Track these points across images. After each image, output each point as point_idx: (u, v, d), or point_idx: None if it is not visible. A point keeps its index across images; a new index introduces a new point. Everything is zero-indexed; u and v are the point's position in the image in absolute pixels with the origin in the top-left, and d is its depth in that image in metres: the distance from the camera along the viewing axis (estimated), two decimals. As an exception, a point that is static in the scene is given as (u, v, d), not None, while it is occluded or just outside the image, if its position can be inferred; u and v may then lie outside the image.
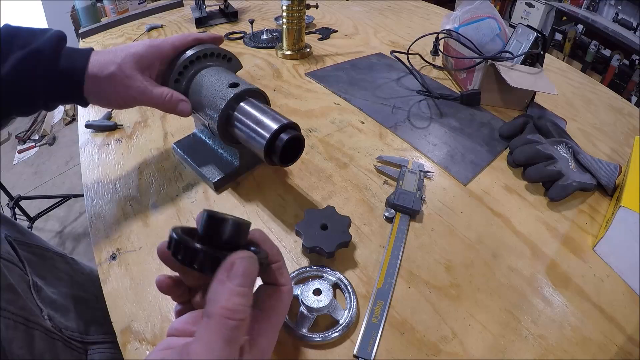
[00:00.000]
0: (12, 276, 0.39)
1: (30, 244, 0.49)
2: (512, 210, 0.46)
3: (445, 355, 0.32)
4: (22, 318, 0.37)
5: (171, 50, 0.43)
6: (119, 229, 0.42)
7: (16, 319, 0.36)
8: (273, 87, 0.71)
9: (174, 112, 0.42)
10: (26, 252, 0.47)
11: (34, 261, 0.47)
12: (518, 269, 0.39)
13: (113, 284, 0.37)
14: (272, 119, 0.38)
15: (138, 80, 0.39)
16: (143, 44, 0.41)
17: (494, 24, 0.71)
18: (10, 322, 0.35)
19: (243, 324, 0.20)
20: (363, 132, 0.59)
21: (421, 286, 0.37)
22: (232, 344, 0.19)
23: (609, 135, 0.64)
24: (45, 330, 0.39)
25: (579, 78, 0.86)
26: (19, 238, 0.48)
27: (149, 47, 0.41)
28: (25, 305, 0.38)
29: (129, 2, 1.07)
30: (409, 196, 0.45)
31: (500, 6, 2.71)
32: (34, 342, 0.37)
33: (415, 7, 1.23)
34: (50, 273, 0.49)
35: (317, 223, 0.39)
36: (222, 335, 0.19)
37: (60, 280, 0.50)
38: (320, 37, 0.94)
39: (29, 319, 0.38)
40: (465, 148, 0.56)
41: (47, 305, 0.43)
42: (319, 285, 0.34)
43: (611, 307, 0.37)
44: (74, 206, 1.79)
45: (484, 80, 0.65)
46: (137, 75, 0.40)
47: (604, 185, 0.49)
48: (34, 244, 0.50)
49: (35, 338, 0.38)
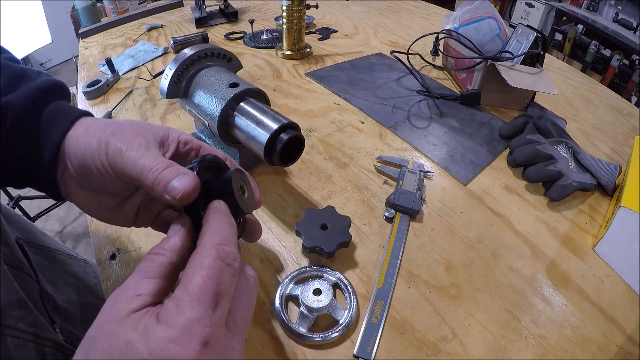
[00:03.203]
0: (23, 286, 0.37)
1: (41, 247, 0.48)
2: (512, 210, 0.46)
3: (445, 355, 0.32)
4: (32, 335, 0.35)
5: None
6: (119, 229, 0.42)
7: (26, 337, 0.34)
8: (273, 87, 0.71)
9: (163, 194, 0.23)
10: (37, 255, 0.45)
11: (44, 265, 0.45)
12: (518, 268, 0.39)
13: (113, 284, 0.37)
14: (272, 119, 0.38)
15: (136, 144, 0.25)
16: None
17: (494, 24, 0.71)
18: (20, 341, 0.33)
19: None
20: (363, 132, 0.59)
21: (421, 286, 0.37)
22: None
23: (609, 135, 0.64)
24: (56, 346, 0.38)
25: (579, 78, 0.86)
26: (30, 239, 0.46)
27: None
28: (37, 320, 0.36)
29: (129, 2, 1.07)
30: (409, 196, 0.45)
31: (500, 6, 2.71)
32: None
33: (415, 7, 1.23)
34: (61, 278, 0.48)
35: (317, 223, 0.39)
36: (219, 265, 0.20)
37: (70, 286, 0.48)
38: (320, 37, 0.94)
39: (39, 336, 0.36)
40: (465, 148, 0.56)
41: (58, 316, 0.41)
42: (319, 285, 0.34)
43: (611, 307, 0.37)
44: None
45: (484, 80, 0.65)
46: (138, 139, 0.26)
47: (604, 185, 0.49)
48: (45, 246, 0.49)
49: (47, 356, 0.36)
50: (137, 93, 0.69)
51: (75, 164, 0.26)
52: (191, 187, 0.22)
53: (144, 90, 0.69)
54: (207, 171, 0.26)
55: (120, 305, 0.19)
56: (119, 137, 0.25)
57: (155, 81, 0.72)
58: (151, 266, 0.21)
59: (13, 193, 1.60)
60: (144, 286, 0.20)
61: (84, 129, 0.26)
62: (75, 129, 0.26)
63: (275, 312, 0.33)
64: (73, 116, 0.26)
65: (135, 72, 0.76)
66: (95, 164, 0.25)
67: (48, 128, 0.26)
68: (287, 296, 0.34)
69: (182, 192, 0.22)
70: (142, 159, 0.24)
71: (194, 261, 0.20)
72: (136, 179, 0.24)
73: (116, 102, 0.65)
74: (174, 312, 0.18)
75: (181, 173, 0.23)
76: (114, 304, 0.19)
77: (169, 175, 0.23)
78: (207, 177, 0.25)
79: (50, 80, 0.28)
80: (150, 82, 0.72)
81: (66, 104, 0.28)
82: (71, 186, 0.27)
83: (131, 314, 0.19)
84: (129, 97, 0.67)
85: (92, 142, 0.25)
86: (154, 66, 0.78)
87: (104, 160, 0.24)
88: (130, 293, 0.20)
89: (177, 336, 0.17)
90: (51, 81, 0.28)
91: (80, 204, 0.29)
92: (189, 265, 0.20)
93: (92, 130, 0.26)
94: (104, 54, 0.85)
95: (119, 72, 0.74)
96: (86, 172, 0.25)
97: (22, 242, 0.44)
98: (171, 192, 0.22)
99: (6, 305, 0.34)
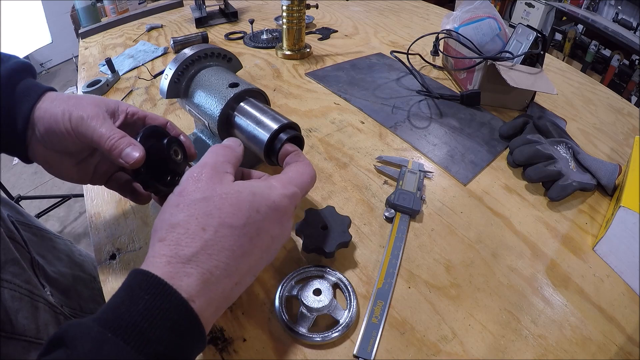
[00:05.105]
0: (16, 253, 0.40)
1: (30, 225, 0.50)
2: (512, 210, 0.46)
3: (445, 355, 0.32)
4: (27, 291, 0.38)
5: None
6: (119, 229, 0.42)
7: (22, 291, 0.37)
8: (273, 87, 0.71)
9: (118, 158, 0.30)
10: (27, 232, 0.48)
11: (34, 241, 0.48)
12: (518, 268, 0.39)
13: (113, 284, 0.37)
14: (272, 118, 0.38)
15: (95, 115, 0.31)
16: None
17: (494, 24, 0.71)
18: (16, 293, 0.36)
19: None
20: (363, 132, 0.59)
21: (421, 286, 0.37)
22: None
23: (609, 135, 0.64)
24: (49, 304, 0.40)
25: (578, 78, 0.86)
26: (20, 219, 0.49)
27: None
28: (30, 279, 0.39)
29: (129, 2, 1.07)
30: (409, 196, 0.45)
31: (500, 6, 2.71)
32: (38, 313, 0.38)
33: (415, 7, 1.23)
34: (50, 253, 0.50)
35: (317, 223, 0.39)
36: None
37: (59, 260, 0.51)
38: (320, 37, 0.94)
39: (33, 292, 0.38)
40: (465, 148, 0.56)
41: (48, 284, 0.44)
42: (319, 285, 0.34)
43: (611, 307, 0.37)
44: (74, 206, 1.79)
45: (484, 80, 0.65)
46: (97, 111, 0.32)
47: (604, 185, 0.49)
48: (34, 226, 0.51)
49: (40, 310, 0.39)
50: (137, 93, 0.69)
51: (42, 129, 0.31)
52: (140, 156, 0.30)
53: (144, 90, 0.69)
54: (151, 138, 0.33)
55: (220, 176, 0.27)
56: (79, 107, 0.31)
57: (155, 81, 0.72)
58: (230, 155, 0.29)
59: (13, 193, 1.60)
60: (229, 167, 0.28)
61: (50, 101, 0.32)
62: (42, 102, 0.32)
63: (275, 312, 0.33)
64: (40, 91, 0.32)
65: (135, 72, 0.76)
66: (59, 129, 0.31)
67: (20, 102, 0.31)
68: (287, 296, 0.34)
69: (134, 159, 0.30)
70: (101, 128, 0.30)
71: (300, 167, 0.32)
72: (96, 142, 0.30)
73: (116, 102, 0.65)
74: (286, 182, 0.29)
75: (132, 144, 0.30)
76: (213, 174, 0.26)
77: (123, 144, 0.30)
78: (150, 144, 0.32)
79: (19, 62, 0.34)
80: (150, 82, 0.72)
81: (34, 81, 0.33)
82: (38, 149, 0.33)
83: (236, 181, 0.27)
84: (129, 97, 0.67)
85: (57, 111, 0.31)
86: (154, 66, 0.78)
87: (67, 125, 0.30)
88: (221, 169, 0.27)
89: (289, 194, 0.28)
90: (20, 62, 0.34)
91: (44, 164, 0.34)
92: (300, 168, 0.32)
93: (57, 102, 0.31)
94: (104, 54, 0.85)
95: (119, 72, 0.74)
96: (51, 135, 0.31)
97: (12, 219, 0.46)
98: (126, 157, 0.30)
99: (4, 262, 0.36)
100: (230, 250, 0.23)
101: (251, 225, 0.25)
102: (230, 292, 0.24)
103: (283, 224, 0.28)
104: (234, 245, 0.23)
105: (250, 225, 0.25)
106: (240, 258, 0.24)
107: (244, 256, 0.24)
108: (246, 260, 0.24)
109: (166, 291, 0.20)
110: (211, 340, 0.32)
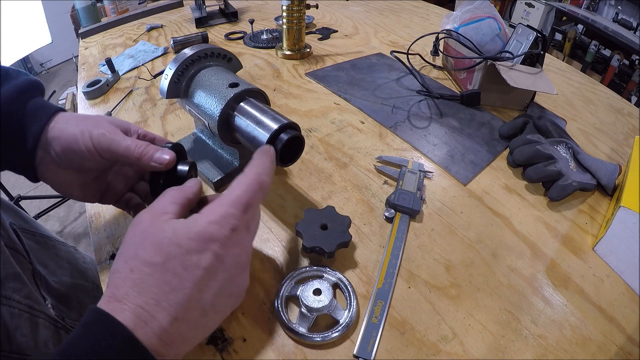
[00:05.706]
0: (17, 265, 0.40)
1: (34, 232, 0.50)
2: (512, 210, 0.46)
3: (445, 355, 0.32)
4: (27, 307, 0.38)
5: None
6: (119, 229, 0.42)
7: (21, 307, 0.37)
8: (273, 87, 0.71)
9: (150, 162, 0.33)
10: (30, 240, 0.48)
11: (36, 249, 0.48)
12: (518, 268, 0.39)
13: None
14: (272, 119, 0.38)
15: (109, 129, 0.33)
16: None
17: (494, 24, 0.71)
18: (15, 310, 0.36)
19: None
20: (363, 132, 0.59)
21: (421, 286, 0.37)
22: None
23: (609, 135, 0.64)
24: (49, 319, 0.40)
25: (578, 78, 0.86)
26: (23, 226, 0.49)
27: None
28: (31, 294, 0.39)
29: (129, 2, 1.07)
30: (409, 196, 0.45)
31: (500, 6, 2.72)
32: (38, 329, 0.38)
33: (415, 7, 1.23)
34: (53, 261, 0.50)
35: (317, 223, 0.39)
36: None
37: (61, 269, 0.51)
38: (320, 37, 0.94)
39: (33, 307, 0.38)
40: (465, 148, 0.56)
41: (50, 295, 0.44)
42: (319, 285, 0.34)
43: (611, 307, 0.37)
44: (74, 206, 1.79)
45: (484, 80, 0.65)
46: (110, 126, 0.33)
47: (604, 185, 0.49)
48: (37, 232, 0.51)
49: (40, 326, 0.39)
50: (137, 93, 0.69)
51: (57, 149, 0.32)
52: (171, 158, 0.32)
53: (144, 90, 0.69)
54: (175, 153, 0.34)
55: (155, 216, 0.26)
56: (98, 126, 0.32)
57: (155, 81, 0.72)
58: (177, 195, 0.29)
59: (13, 193, 1.60)
60: (170, 207, 0.27)
61: (64, 121, 0.33)
62: (56, 122, 0.33)
63: (275, 312, 0.33)
64: (50, 111, 0.33)
65: (135, 72, 0.76)
66: (79, 148, 0.32)
67: (31, 121, 0.32)
68: (287, 296, 0.34)
69: (166, 160, 0.32)
70: (125, 140, 0.32)
71: (239, 179, 0.28)
72: (122, 154, 0.32)
73: (116, 102, 0.65)
74: (216, 206, 0.26)
75: (160, 149, 0.32)
76: (149, 217, 0.26)
77: (151, 150, 0.32)
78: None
79: (28, 80, 0.34)
80: (150, 82, 0.72)
81: (43, 100, 0.34)
82: (50, 168, 0.34)
83: (169, 219, 0.26)
84: (129, 97, 0.67)
85: (75, 131, 0.32)
86: (154, 66, 0.78)
87: (89, 144, 0.32)
88: (159, 210, 0.27)
89: (216, 220, 0.26)
90: (29, 80, 0.34)
91: (53, 183, 0.35)
92: (235, 181, 0.28)
93: (72, 122, 0.33)
94: (104, 54, 0.85)
95: (119, 72, 0.74)
96: (70, 154, 0.32)
97: (15, 227, 0.46)
98: (158, 160, 0.32)
99: (4, 277, 0.36)
100: (157, 286, 0.24)
101: (173, 260, 0.24)
102: (171, 327, 0.23)
103: (216, 253, 0.25)
104: (160, 282, 0.24)
105: (172, 260, 0.24)
106: (169, 294, 0.23)
107: (175, 291, 0.24)
108: (178, 295, 0.24)
109: (109, 321, 0.22)
110: (211, 340, 0.32)
